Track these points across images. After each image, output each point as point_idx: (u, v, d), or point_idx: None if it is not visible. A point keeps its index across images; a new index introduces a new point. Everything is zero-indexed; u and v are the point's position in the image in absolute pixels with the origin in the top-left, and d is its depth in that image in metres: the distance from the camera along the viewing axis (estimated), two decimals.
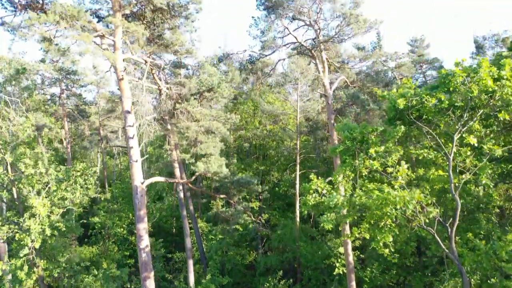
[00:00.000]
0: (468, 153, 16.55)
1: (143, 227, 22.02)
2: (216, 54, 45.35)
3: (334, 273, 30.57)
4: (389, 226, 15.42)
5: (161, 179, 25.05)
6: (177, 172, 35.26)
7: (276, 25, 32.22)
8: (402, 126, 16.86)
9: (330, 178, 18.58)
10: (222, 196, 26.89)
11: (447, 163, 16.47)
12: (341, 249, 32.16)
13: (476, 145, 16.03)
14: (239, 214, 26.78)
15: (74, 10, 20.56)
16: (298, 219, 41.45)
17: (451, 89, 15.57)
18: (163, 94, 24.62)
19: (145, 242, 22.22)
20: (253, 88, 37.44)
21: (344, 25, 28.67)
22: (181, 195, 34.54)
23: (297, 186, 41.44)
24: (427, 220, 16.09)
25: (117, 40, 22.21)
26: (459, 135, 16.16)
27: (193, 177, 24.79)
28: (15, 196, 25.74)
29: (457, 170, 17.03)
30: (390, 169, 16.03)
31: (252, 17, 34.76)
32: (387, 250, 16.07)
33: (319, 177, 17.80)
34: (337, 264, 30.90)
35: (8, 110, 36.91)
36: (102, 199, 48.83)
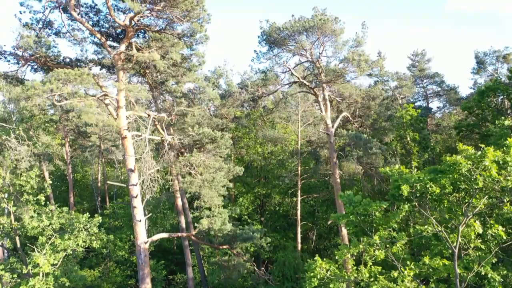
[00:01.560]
0: (473, 236, 16.62)
1: None
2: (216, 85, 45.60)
3: None
4: None
5: (164, 235, 25.26)
6: (179, 201, 35.71)
7: (277, 63, 32.22)
8: (406, 206, 16.94)
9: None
10: (224, 246, 26.98)
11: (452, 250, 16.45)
12: None
13: (480, 232, 16.12)
14: (241, 265, 26.89)
15: (77, 74, 20.51)
16: (299, 247, 41.85)
17: (455, 176, 15.62)
18: (166, 145, 24.60)
19: None
20: (255, 124, 37.33)
21: (347, 68, 28.61)
22: (183, 225, 35.07)
23: (298, 211, 41.70)
24: None
25: (121, 98, 22.17)
26: (463, 226, 16.23)
27: (196, 230, 24.79)
28: (18, 245, 25.82)
29: (462, 256, 17.08)
30: (395, 273, 16.12)
31: (255, 51, 34.71)
32: None
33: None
34: None
35: (9, 138, 37.01)
36: (105, 213, 49.26)
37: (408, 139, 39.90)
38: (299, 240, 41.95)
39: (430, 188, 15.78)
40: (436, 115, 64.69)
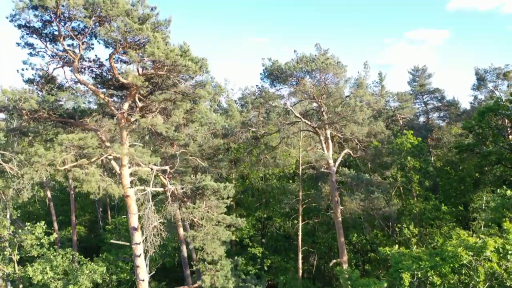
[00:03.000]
0: None
1: None
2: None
3: None
4: None
5: None
6: (181, 231, 36.14)
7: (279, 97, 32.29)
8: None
9: None
10: None
11: None
12: None
13: None
14: None
15: (81, 138, 20.62)
16: (300, 272, 42.24)
17: (456, 265, 15.82)
18: (169, 195, 24.75)
19: None
20: (257, 160, 37.44)
21: (349, 112, 28.67)
22: (185, 254, 35.58)
23: (299, 237, 41.97)
24: None
25: (124, 157, 22.24)
26: None
27: (198, 283, 25.06)
28: None
29: None
30: None
31: (257, 85, 34.72)
32: None
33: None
34: None
35: (11, 166, 37.05)
36: (106, 228, 49.54)
37: (409, 167, 40.05)
38: (300, 265, 42.27)
39: (431, 278, 15.98)
40: (436, 121, 64.51)
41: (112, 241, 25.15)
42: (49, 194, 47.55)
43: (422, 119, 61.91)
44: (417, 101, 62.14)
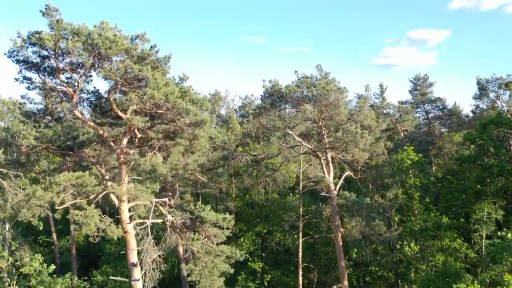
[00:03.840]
0: None
1: None
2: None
3: None
4: None
5: None
6: (180, 249, 36.10)
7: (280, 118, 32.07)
8: None
9: None
10: None
11: None
12: None
13: None
14: None
15: (79, 176, 20.41)
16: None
17: None
18: (168, 227, 24.58)
19: None
20: (257, 182, 37.25)
21: (350, 138, 28.45)
22: (184, 273, 35.55)
23: (300, 254, 41.87)
24: None
25: (123, 197, 22.08)
26: None
27: None
28: None
29: None
30: None
31: (257, 106, 34.47)
32: None
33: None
34: None
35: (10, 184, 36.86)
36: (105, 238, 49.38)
37: (410, 184, 39.90)
38: (300, 281, 42.16)
39: None
40: (437, 126, 64.05)
41: (111, 277, 24.92)
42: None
43: (423, 127, 61.56)
44: (418, 110, 61.94)
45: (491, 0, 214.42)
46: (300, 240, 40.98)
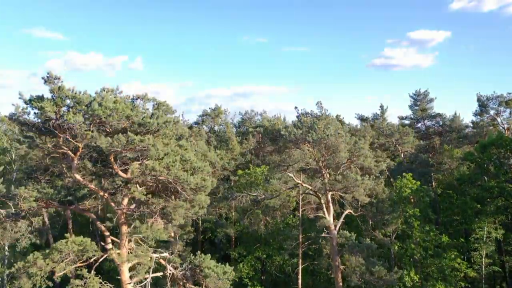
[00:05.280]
0: None
1: None
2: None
3: None
4: None
5: None
6: None
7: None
8: None
9: None
10: None
11: None
12: None
13: None
14: None
15: (79, 243, 20.47)
16: None
17: None
18: (168, 279, 24.67)
19: None
20: (257, 221, 37.32)
21: (350, 183, 28.48)
22: None
23: (299, 281, 41.99)
24: None
25: (124, 253, 22.13)
26: None
27: None
28: None
29: None
30: None
31: (257, 141, 34.44)
32: None
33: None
34: None
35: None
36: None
37: (409, 214, 39.83)
38: None
39: None
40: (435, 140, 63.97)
41: None
42: (46, 220, 47.26)
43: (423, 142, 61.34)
44: (418, 125, 61.78)
45: (491, 1, 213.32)
46: (300, 267, 41.11)
